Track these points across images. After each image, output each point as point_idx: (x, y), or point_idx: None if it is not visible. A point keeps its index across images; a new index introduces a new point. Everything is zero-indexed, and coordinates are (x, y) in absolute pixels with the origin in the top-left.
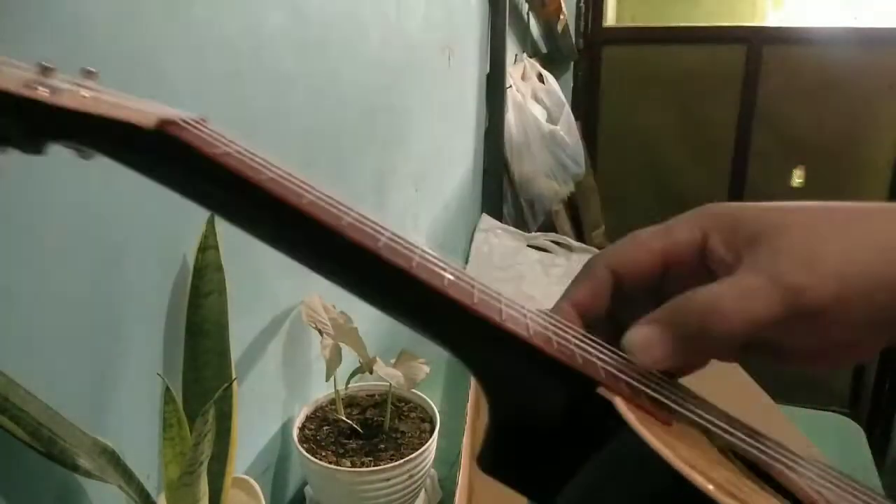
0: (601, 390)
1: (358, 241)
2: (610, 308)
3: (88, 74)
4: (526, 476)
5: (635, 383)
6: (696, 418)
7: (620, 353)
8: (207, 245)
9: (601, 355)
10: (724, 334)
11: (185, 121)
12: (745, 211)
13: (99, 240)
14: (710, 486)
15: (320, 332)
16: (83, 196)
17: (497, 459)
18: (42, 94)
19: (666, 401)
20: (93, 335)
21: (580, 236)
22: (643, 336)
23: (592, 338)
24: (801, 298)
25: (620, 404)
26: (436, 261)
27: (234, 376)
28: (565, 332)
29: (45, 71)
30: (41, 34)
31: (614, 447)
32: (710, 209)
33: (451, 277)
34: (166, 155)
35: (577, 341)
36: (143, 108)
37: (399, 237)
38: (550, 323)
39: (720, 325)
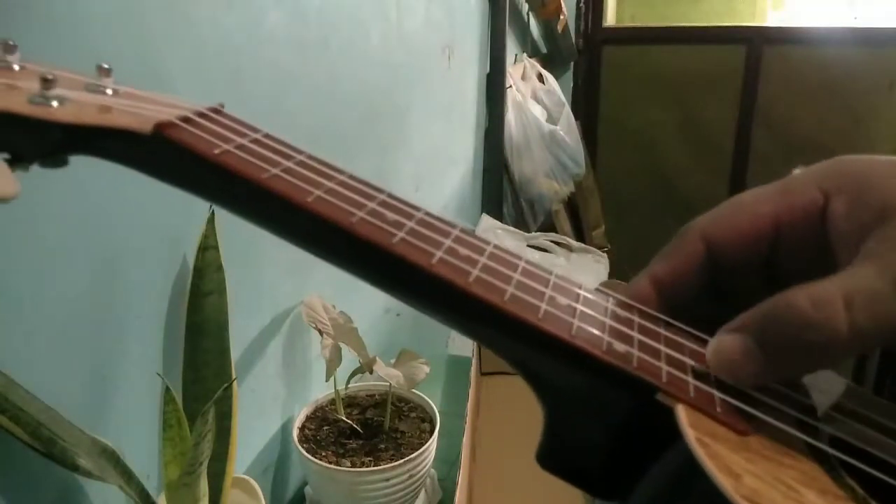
0: (661, 396)
1: (370, 238)
2: (709, 285)
3: (103, 72)
4: (584, 477)
5: (707, 386)
6: (786, 427)
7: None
8: (207, 245)
9: (669, 350)
10: (831, 350)
11: (187, 118)
12: (880, 168)
13: (99, 240)
14: None
15: (320, 332)
16: (83, 196)
17: (552, 458)
18: (39, 110)
19: (745, 406)
20: (93, 335)
21: (580, 236)
22: (725, 348)
23: (668, 324)
24: None
25: (682, 413)
26: (455, 247)
27: (234, 376)
28: (629, 322)
29: (47, 83)
30: (42, 33)
31: (673, 460)
32: (838, 164)
33: (477, 273)
34: (167, 158)
35: (640, 336)
36: (151, 109)
37: (403, 209)
38: (611, 313)
39: (826, 341)
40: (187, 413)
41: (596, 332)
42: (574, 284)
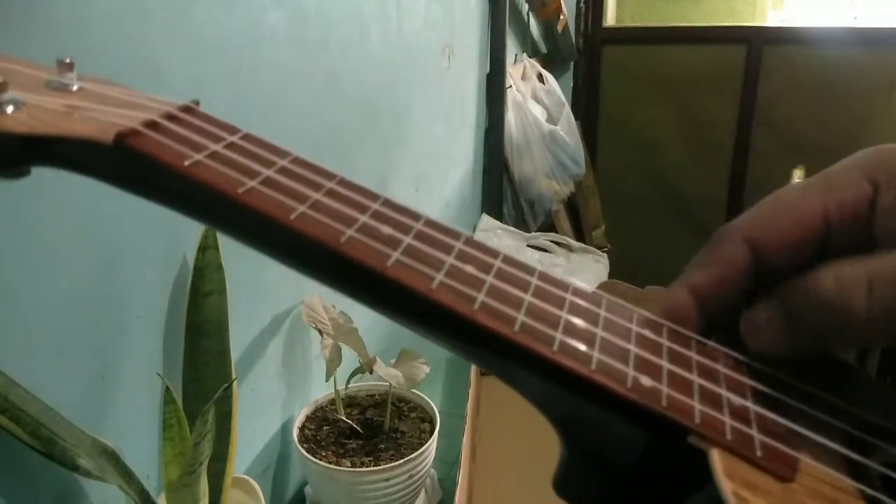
0: (693, 439)
1: (362, 260)
2: (751, 293)
3: (65, 67)
4: None
5: (745, 426)
6: (834, 471)
7: (750, 364)
8: (207, 245)
9: (703, 381)
10: (846, 332)
11: (152, 123)
12: None
13: (99, 240)
14: None
15: (320, 332)
16: (83, 196)
17: (569, 488)
18: None
19: (788, 449)
20: (93, 335)
21: (580, 236)
22: (755, 317)
23: (701, 345)
24: None
25: (717, 459)
26: (458, 266)
27: (234, 376)
28: (657, 348)
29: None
30: (43, 33)
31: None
32: (886, 153)
33: (483, 297)
34: (132, 170)
35: (670, 365)
36: (114, 112)
37: (399, 220)
38: (637, 337)
39: (840, 321)
40: (187, 413)
41: (619, 364)
42: (594, 303)
